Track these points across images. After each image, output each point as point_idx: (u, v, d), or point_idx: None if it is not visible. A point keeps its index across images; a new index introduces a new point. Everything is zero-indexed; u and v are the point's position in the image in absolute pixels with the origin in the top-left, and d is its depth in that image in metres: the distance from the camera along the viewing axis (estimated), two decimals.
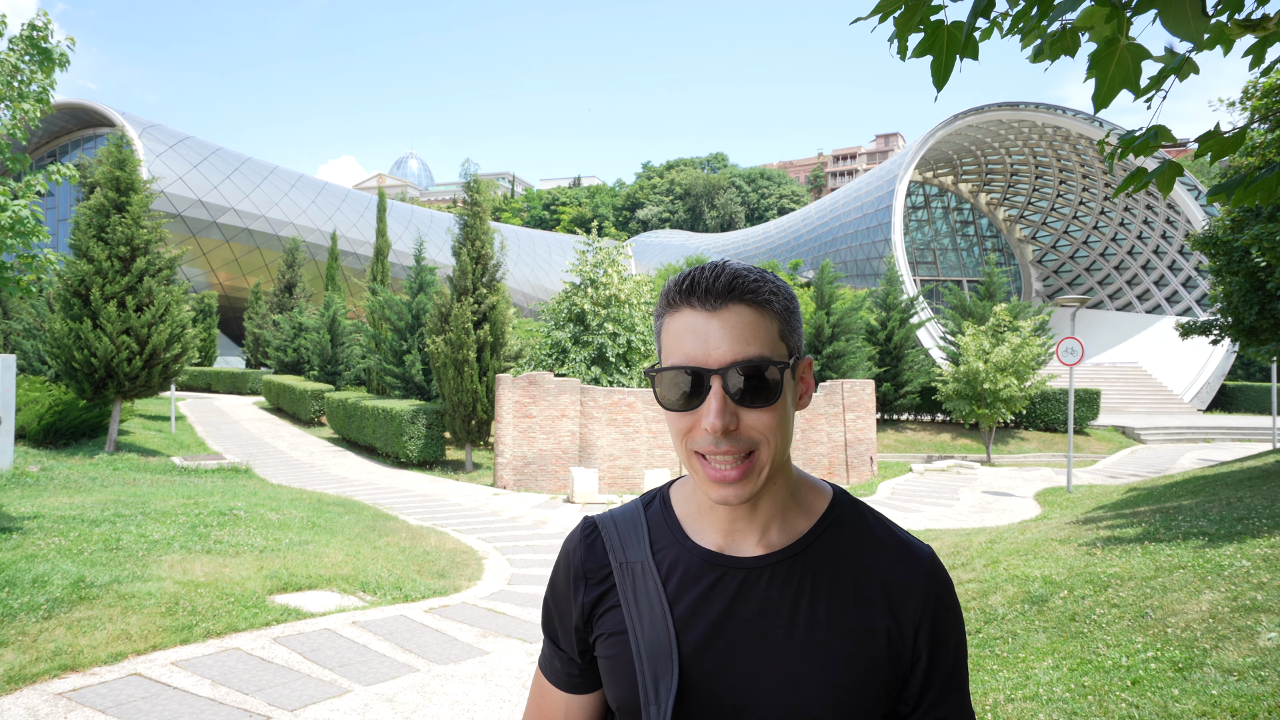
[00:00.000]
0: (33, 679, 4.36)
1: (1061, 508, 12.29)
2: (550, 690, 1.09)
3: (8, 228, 6.35)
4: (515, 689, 4.79)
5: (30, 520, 7.75)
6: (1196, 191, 34.80)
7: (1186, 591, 4.97)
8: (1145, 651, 4.29)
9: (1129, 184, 1.73)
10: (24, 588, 5.41)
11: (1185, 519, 7.44)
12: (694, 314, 0.90)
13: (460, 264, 18.26)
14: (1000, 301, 25.04)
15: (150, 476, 13.17)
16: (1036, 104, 36.22)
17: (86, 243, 15.05)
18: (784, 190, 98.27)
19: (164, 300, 15.65)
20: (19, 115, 6.60)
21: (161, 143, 40.04)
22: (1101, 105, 1.42)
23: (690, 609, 0.95)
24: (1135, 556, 6.10)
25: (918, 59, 1.58)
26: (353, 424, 20.89)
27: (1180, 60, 1.48)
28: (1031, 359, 20.47)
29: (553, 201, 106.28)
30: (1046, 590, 5.75)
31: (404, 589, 6.96)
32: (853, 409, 18.91)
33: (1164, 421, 27.79)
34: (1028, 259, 47.71)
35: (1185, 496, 9.61)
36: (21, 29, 6.69)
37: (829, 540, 0.97)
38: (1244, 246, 9.74)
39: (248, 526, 8.42)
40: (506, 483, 16.02)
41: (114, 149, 15.88)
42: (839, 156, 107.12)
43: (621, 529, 1.04)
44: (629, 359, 19.88)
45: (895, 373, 24.90)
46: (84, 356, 14.69)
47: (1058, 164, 41.48)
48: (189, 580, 6.17)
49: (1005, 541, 8.03)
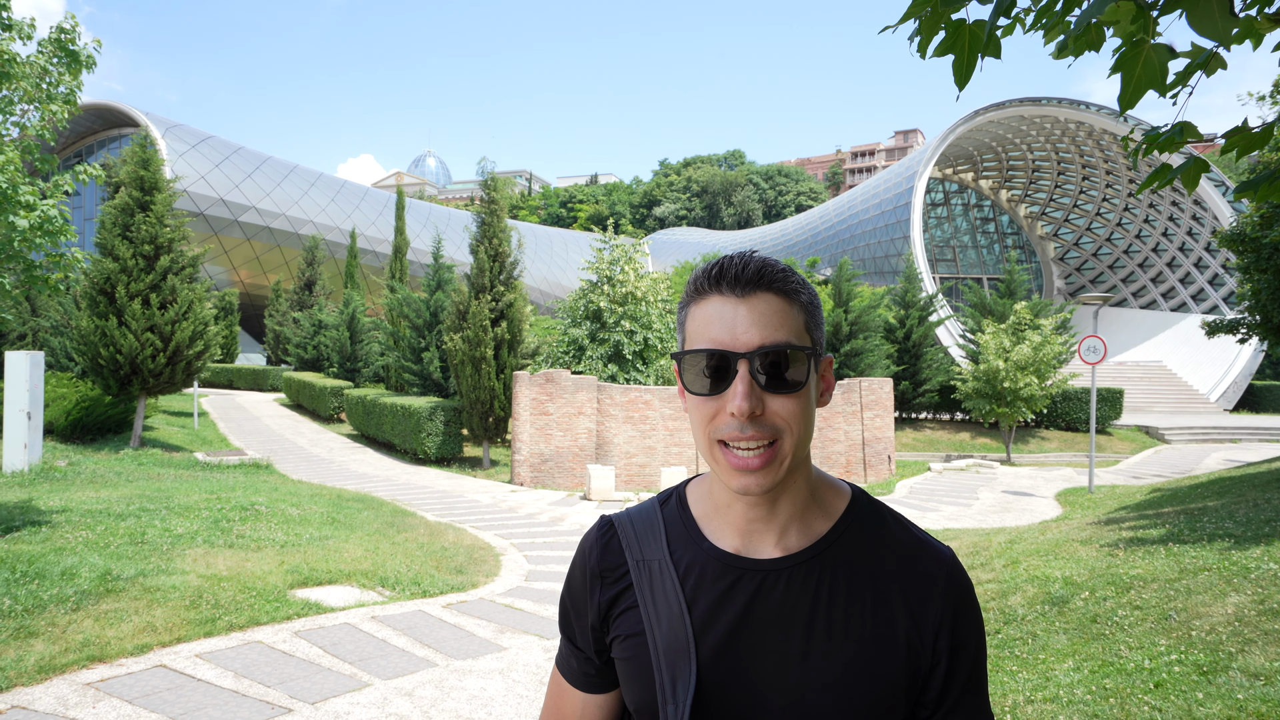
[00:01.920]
0: (62, 669, 4.46)
1: (1083, 508, 12.13)
2: (567, 689, 1.09)
3: (37, 227, 6.47)
4: (532, 685, 4.82)
5: (59, 514, 7.91)
6: (1224, 187, 34.15)
7: (1211, 594, 4.89)
8: (1169, 654, 4.24)
9: (1153, 180, 1.70)
10: (53, 580, 5.52)
11: (1210, 520, 7.32)
12: (722, 300, 0.90)
13: (478, 262, 18.35)
14: (1021, 299, 24.73)
15: (174, 472, 13.38)
16: (1059, 99, 35.71)
17: (112, 241, 15.31)
18: (801, 187, 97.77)
19: (187, 298, 15.88)
20: (47, 116, 6.72)
21: (184, 142, 40.59)
22: (1127, 106, 1.40)
23: (708, 611, 0.94)
24: (1159, 558, 6.01)
25: (938, 58, 1.57)
26: (371, 421, 21.09)
27: (1207, 55, 1.46)
28: (1053, 357, 20.21)
29: (570, 199, 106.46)
30: (1067, 591, 5.69)
31: (422, 584, 7.02)
32: (870, 407, 18.78)
33: (1189, 421, 27.34)
34: (1049, 256, 47.09)
35: (1211, 498, 9.45)
36: (50, 31, 6.81)
37: (847, 542, 0.97)
38: (1273, 243, 9.56)
39: (269, 522, 8.53)
40: (524, 479, 16.10)
41: (138, 149, 16.13)
42: (857, 153, 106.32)
43: (638, 528, 1.04)
44: (645, 357, 19.89)
45: (914, 371, 24.69)
46: (110, 353, 14.95)
47: (1080, 160, 40.89)
48: (212, 574, 6.27)
49: (1025, 541, 7.95)
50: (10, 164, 6.28)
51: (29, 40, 6.77)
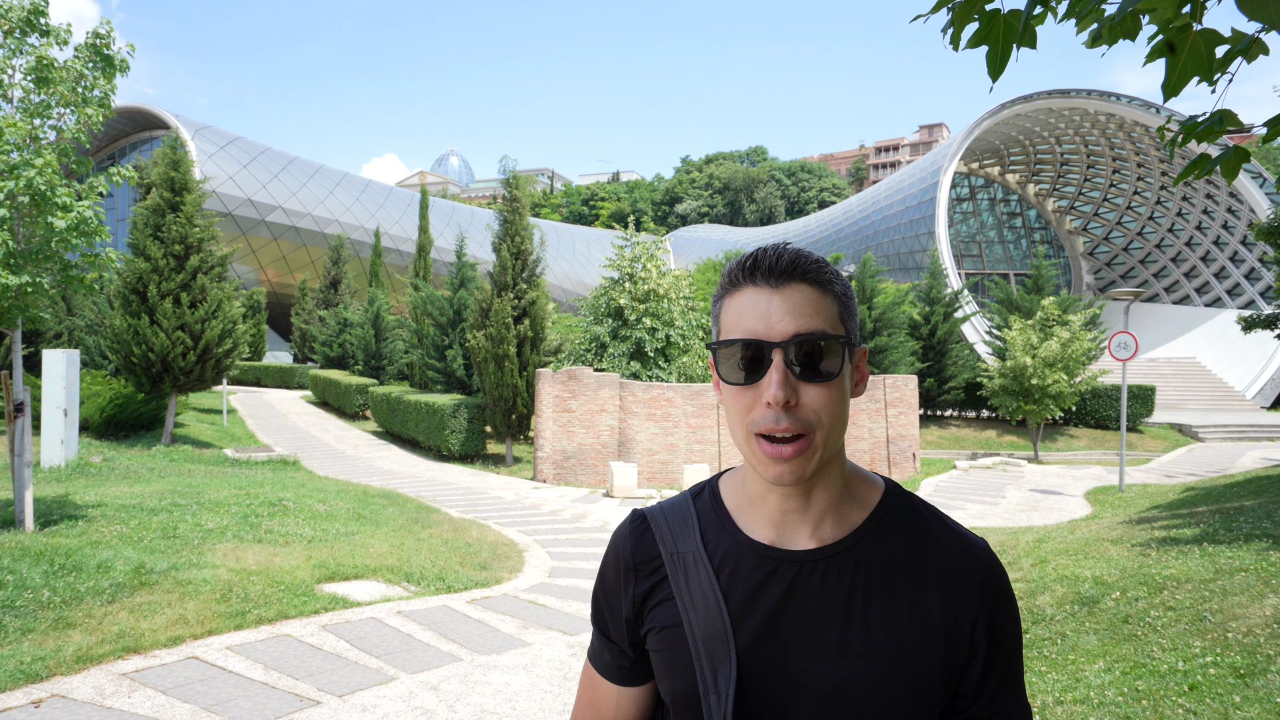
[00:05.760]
0: (99, 659, 4.57)
1: (1113, 507, 11.91)
2: (601, 682, 1.09)
3: (73, 228, 6.62)
4: (556, 680, 4.85)
5: (94, 508, 8.10)
6: (1261, 179, 33.26)
7: (1248, 595, 4.78)
8: (1204, 656, 4.15)
9: (1191, 170, 1.66)
10: (89, 573, 5.66)
11: (1247, 520, 7.14)
12: (757, 291, 0.91)
13: (500, 260, 18.45)
14: (1049, 295, 24.29)
15: (204, 468, 13.64)
16: (1089, 90, 35.01)
17: (144, 241, 15.62)
18: (824, 183, 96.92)
19: (216, 297, 16.17)
20: (83, 119, 6.87)
21: (213, 144, 41.28)
22: (1172, 94, 1.37)
23: (743, 603, 0.94)
24: (1193, 558, 5.88)
25: (971, 50, 1.54)
26: (396, 418, 21.31)
27: (1249, 41, 1.42)
28: (1082, 354, 19.84)
29: (591, 197, 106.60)
30: (1097, 591, 5.59)
31: (447, 580, 7.09)
32: (895, 404, 18.60)
33: (1224, 419, 26.70)
34: (1078, 251, 46.23)
35: (1247, 497, 9.22)
36: (86, 37, 6.96)
37: (882, 534, 0.96)
38: None
39: (296, 517, 8.66)
40: (546, 476, 16.17)
41: (169, 150, 16.44)
42: (881, 148, 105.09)
43: (671, 520, 1.04)
44: (667, 354, 19.86)
45: (939, 368, 24.39)
46: (142, 351, 15.26)
47: (1111, 153, 40.07)
48: (242, 568, 6.38)
49: (1054, 540, 7.82)
50: (48, 166, 6.44)
51: (65, 45, 6.93)
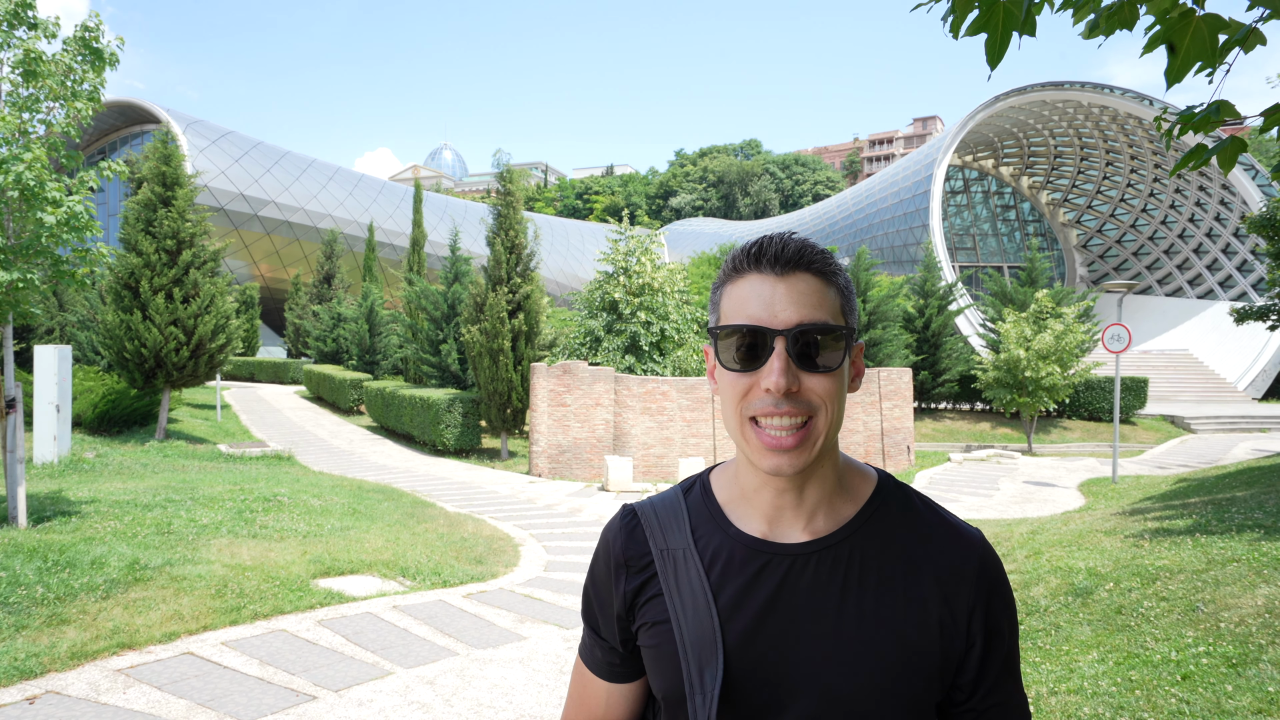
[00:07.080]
0: (93, 655, 4.55)
1: (1107, 498, 11.98)
2: (591, 679, 1.08)
3: (64, 223, 6.57)
4: (552, 673, 4.85)
5: (88, 504, 8.06)
6: (1254, 171, 33.38)
7: (1241, 585, 4.81)
8: (1196, 646, 4.18)
9: (1188, 161, 1.66)
10: (83, 569, 5.63)
11: (1239, 511, 7.19)
12: (760, 279, 0.90)
13: (494, 254, 18.40)
14: (1043, 287, 24.36)
15: (198, 463, 13.60)
16: (1083, 83, 35.04)
17: (135, 236, 15.52)
18: (819, 176, 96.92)
19: (209, 292, 16.08)
20: (72, 114, 6.81)
21: (204, 138, 40.99)
22: (1175, 80, 1.36)
23: (734, 598, 0.93)
24: (1185, 549, 5.92)
25: (970, 38, 1.53)
26: (391, 412, 21.27)
27: (1246, 31, 1.42)
28: (1075, 346, 19.92)
29: (586, 190, 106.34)
30: (1091, 582, 5.62)
31: (443, 574, 7.08)
32: (889, 397, 18.64)
33: (1216, 411, 26.86)
34: (1072, 244, 46.36)
35: (1239, 488, 9.29)
36: (74, 30, 6.89)
37: (876, 526, 0.96)
38: None
39: (291, 512, 8.64)
40: (542, 471, 16.17)
41: (159, 145, 16.32)
42: (875, 141, 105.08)
43: (662, 516, 1.03)
44: (662, 348, 19.85)
45: (933, 361, 24.47)
46: (134, 347, 15.18)
47: (1104, 145, 40.14)
48: (237, 564, 6.36)
49: (1048, 532, 7.86)
50: (38, 161, 6.38)
51: (54, 39, 6.85)
